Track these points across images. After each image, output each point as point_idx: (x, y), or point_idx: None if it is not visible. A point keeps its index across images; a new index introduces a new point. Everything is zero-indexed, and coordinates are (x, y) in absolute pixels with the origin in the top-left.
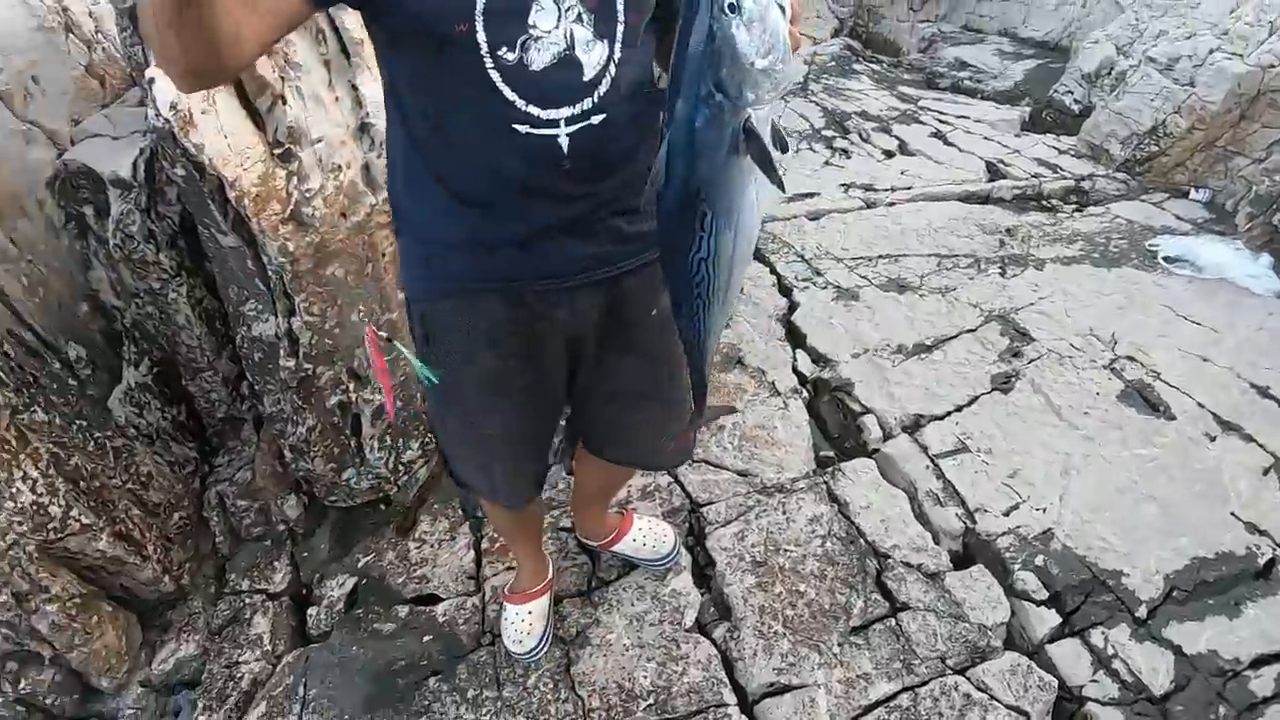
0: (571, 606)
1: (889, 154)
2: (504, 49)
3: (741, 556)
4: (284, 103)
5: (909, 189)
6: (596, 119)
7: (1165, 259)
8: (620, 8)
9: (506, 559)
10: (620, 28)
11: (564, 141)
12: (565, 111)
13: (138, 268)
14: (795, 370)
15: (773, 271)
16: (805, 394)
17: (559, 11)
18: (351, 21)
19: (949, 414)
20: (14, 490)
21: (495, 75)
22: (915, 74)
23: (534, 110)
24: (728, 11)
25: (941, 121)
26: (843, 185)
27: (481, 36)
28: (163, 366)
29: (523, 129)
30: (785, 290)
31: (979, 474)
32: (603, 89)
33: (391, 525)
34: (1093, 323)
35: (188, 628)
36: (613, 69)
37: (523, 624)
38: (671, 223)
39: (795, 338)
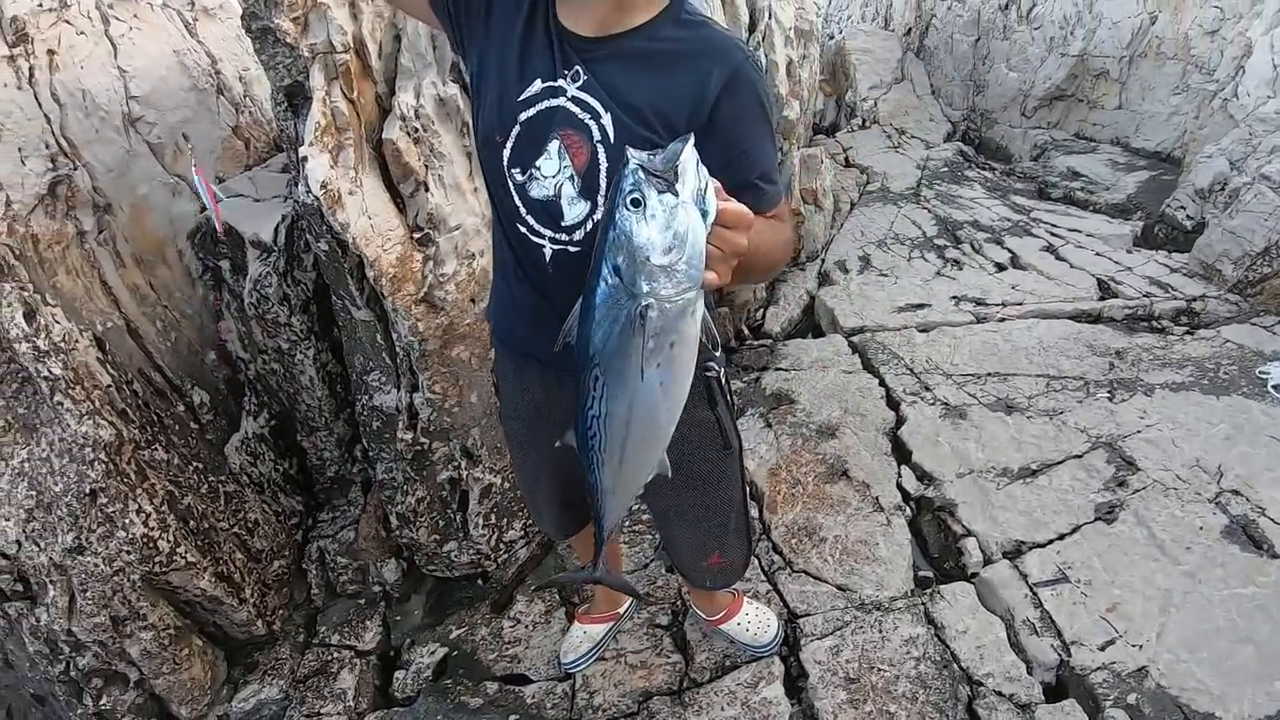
0: (661, 704)
1: (1000, 267)
2: (517, 170)
3: (835, 671)
4: (426, 190)
5: (1020, 304)
6: (574, 249)
7: (1275, 387)
8: (603, 183)
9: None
10: (601, 197)
11: (547, 252)
12: (549, 234)
13: (269, 327)
14: (900, 486)
15: (882, 384)
16: (908, 511)
17: (559, 165)
18: None
19: (1051, 542)
20: (127, 521)
21: (510, 184)
22: (1027, 183)
23: (530, 220)
24: (629, 206)
25: (1053, 234)
26: (954, 298)
27: (506, 152)
28: (280, 420)
29: (523, 229)
30: (894, 404)
31: (1077, 605)
32: (579, 234)
33: (487, 601)
34: (1199, 453)
35: (273, 672)
36: (589, 224)
37: (576, 640)
38: (578, 375)
39: (901, 453)
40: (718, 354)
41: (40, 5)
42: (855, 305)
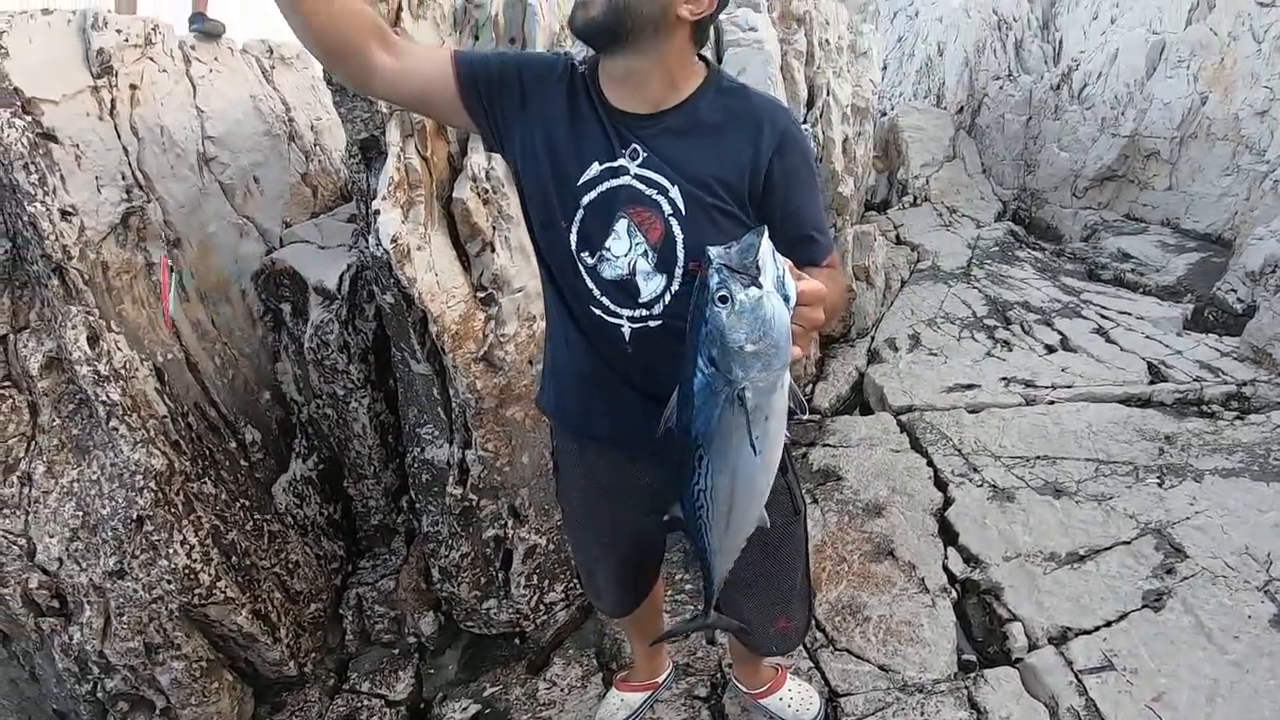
0: None
1: (1050, 348)
2: (586, 253)
3: None
4: (492, 250)
5: (1069, 387)
6: (654, 324)
7: None
8: (680, 255)
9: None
10: (678, 269)
11: (626, 331)
12: (627, 312)
13: (327, 373)
14: (946, 568)
15: (930, 464)
16: (954, 594)
17: (630, 243)
18: None
19: (1097, 629)
20: (171, 551)
21: (580, 266)
22: (1077, 264)
23: (605, 301)
24: (718, 303)
25: (1104, 317)
26: (1003, 379)
27: (573, 237)
28: (329, 465)
29: (596, 311)
30: (941, 484)
31: (1123, 694)
32: (658, 308)
33: (523, 661)
34: (1249, 541)
35: (300, 714)
36: (668, 297)
37: (613, 707)
38: (680, 455)
39: (948, 534)
40: (793, 418)
41: (126, 40)
42: (904, 384)
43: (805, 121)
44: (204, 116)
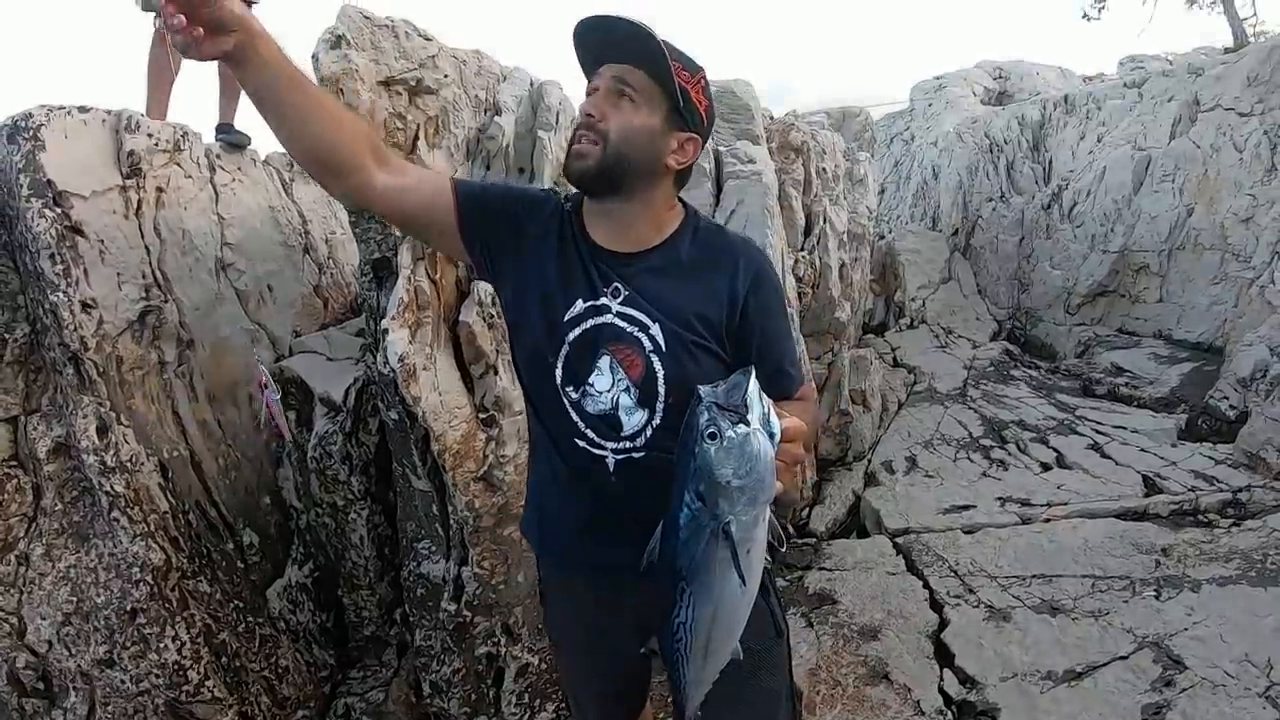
0: None
1: (1046, 466)
2: (570, 388)
3: None
4: (495, 373)
5: (1065, 504)
6: (638, 455)
7: None
8: (661, 390)
9: None
10: (660, 403)
11: (610, 462)
12: (611, 445)
13: (328, 482)
14: (941, 690)
15: (925, 586)
16: (950, 716)
17: (613, 380)
18: None
19: None
20: (162, 645)
21: (565, 401)
22: (1072, 380)
23: (590, 434)
24: (706, 439)
25: (1099, 432)
26: (999, 499)
27: (558, 372)
28: (324, 573)
29: (581, 443)
30: (937, 606)
31: None
32: (641, 440)
33: None
34: (1248, 648)
35: None
36: (650, 430)
37: None
38: (661, 588)
39: (944, 656)
40: (781, 549)
41: (156, 145)
42: (900, 506)
43: (803, 249)
44: (224, 223)
